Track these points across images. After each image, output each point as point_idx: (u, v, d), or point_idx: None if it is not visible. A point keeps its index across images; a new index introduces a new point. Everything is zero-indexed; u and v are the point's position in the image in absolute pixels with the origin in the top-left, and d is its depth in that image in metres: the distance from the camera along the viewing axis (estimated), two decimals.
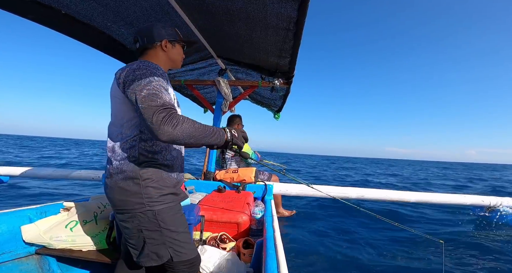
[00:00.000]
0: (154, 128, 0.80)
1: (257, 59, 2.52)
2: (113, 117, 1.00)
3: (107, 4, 1.64)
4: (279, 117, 3.95)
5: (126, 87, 0.89)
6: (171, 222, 0.96)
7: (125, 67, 0.94)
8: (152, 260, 0.94)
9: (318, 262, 2.31)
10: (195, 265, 1.02)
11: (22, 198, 4.34)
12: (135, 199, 0.92)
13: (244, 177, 2.58)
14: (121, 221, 0.97)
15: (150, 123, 0.80)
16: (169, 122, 0.80)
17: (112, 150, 0.98)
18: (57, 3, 1.54)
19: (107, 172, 0.99)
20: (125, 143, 0.96)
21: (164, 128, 0.80)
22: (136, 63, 0.94)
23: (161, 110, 0.81)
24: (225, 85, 2.75)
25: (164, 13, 1.84)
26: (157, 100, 0.83)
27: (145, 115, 0.81)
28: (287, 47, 2.00)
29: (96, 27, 1.87)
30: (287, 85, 2.70)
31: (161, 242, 0.94)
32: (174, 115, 0.82)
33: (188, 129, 0.84)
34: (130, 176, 0.93)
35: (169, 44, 1.09)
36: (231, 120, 3.25)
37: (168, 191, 0.98)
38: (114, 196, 0.95)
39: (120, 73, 0.93)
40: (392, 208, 4.36)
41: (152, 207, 0.93)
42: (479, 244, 2.75)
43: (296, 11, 1.49)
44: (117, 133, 0.98)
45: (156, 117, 0.80)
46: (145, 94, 0.84)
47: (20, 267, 1.30)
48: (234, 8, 1.66)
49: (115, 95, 0.96)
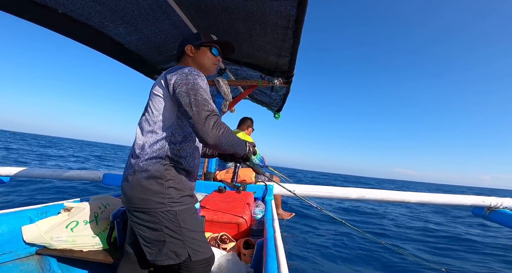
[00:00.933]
0: (205, 131, 0.87)
1: (256, 59, 2.51)
2: (147, 114, 1.02)
3: (104, 2, 1.64)
4: (279, 117, 3.94)
5: (177, 89, 0.93)
6: (190, 222, 0.99)
7: (176, 70, 0.99)
8: (170, 259, 0.95)
9: (319, 264, 2.31)
10: (210, 264, 1.04)
11: (22, 198, 4.35)
12: (157, 198, 0.94)
13: (244, 177, 2.58)
14: (138, 219, 0.97)
15: (202, 126, 0.87)
16: (218, 128, 0.90)
17: (142, 147, 0.99)
18: (53, 3, 1.53)
19: (130, 168, 1.00)
20: (156, 142, 0.98)
21: (214, 133, 0.89)
22: (188, 68, 0.99)
23: (212, 116, 0.90)
24: (224, 85, 2.75)
25: (162, 12, 1.83)
26: (209, 106, 0.91)
27: (197, 118, 0.88)
28: (286, 46, 1.99)
29: (94, 27, 1.85)
30: (287, 85, 2.70)
31: (181, 241, 0.96)
32: (221, 122, 0.93)
33: (229, 137, 0.95)
34: (154, 175, 0.95)
35: (194, 48, 1.13)
36: (243, 122, 3.23)
37: (187, 193, 1.01)
38: (134, 194, 0.96)
39: (172, 75, 0.97)
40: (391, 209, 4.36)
41: (174, 207, 0.96)
42: (477, 246, 2.75)
43: (295, 9, 1.48)
44: (149, 131, 1.00)
45: (209, 121, 0.89)
46: (199, 98, 0.91)
47: (20, 268, 1.30)
48: (232, 6, 1.66)
49: (158, 93, 0.99)
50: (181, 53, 1.15)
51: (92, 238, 1.42)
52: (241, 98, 3.15)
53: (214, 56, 1.17)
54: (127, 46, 2.23)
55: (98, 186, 5.84)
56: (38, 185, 5.35)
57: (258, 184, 2.50)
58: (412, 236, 3.49)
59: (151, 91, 1.04)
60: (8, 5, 1.40)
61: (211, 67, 1.18)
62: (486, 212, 3.36)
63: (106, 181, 2.87)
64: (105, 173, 2.89)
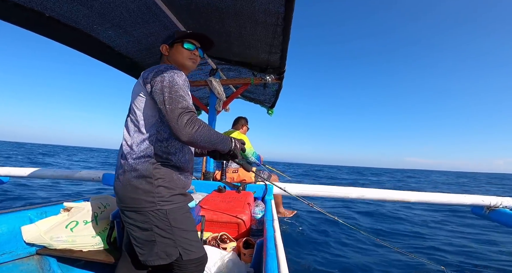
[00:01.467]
0: (178, 129, 0.87)
1: (247, 57, 2.51)
2: (132, 114, 1.03)
3: (92, 6, 1.62)
4: (272, 113, 3.93)
5: (153, 87, 0.94)
6: (181, 221, 0.98)
7: (153, 69, 0.99)
8: (160, 259, 0.95)
9: (319, 263, 2.31)
10: (203, 263, 1.03)
11: (22, 198, 4.34)
12: (146, 197, 0.94)
13: (244, 177, 2.58)
14: (129, 218, 0.97)
15: (175, 123, 0.87)
16: (192, 125, 0.88)
17: (130, 147, 0.99)
18: (40, 6, 1.51)
19: (120, 168, 1.00)
20: (142, 142, 0.98)
21: (187, 130, 0.87)
22: (164, 66, 1.00)
23: (186, 113, 0.89)
24: (217, 85, 2.76)
25: (151, 14, 1.83)
26: (183, 103, 0.90)
27: (171, 115, 0.88)
28: (276, 43, 2.00)
29: (82, 30, 1.83)
30: (279, 81, 2.71)
31: (172, 240, 0.95)
32: (196, 119, 0.91)
33: (206, 133, 0.92)
34: (143, 175, 0.95)
35: (168, 47, 1.12)
36: (237, 121, 3.24)
37: (178, 192, 1.01)
38: (125, 193, 0.96)
39: (148, 73, 0.98)
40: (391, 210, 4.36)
41: (163, 206, 0.95)
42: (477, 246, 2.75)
43: (283, 7, 1.50)
44: (134, 131, 1.00)
45: (182, 119, 0.87)
46: (173, 95, 0.90)
47: (20, 268, 1.30)
48: (222, 6, 1.67)
49: (138, 93, 1.00)
50: (160, 54, 1.17)
51: (92, 238, 1.42)
52: (234, 96, 3.15)
53: (188, 51, 1.12)
54: (117, 49, 2.20)
55: (98, 186, 5.84)
56: (38, 185, 5.35)
57: (258, 183, 2.50)
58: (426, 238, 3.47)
59: (132, 92, 1.05)
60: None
61: (187, 62, 1.12)
62: (485, 211, 3.36)
63: (106, 181, 2.87)
64: (104, 173, 2.89)
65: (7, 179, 4.03)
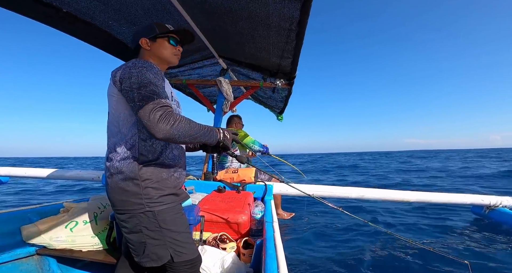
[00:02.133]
0: (151, 126, 0.81)
1: (258, 60, 2.50)
2: (110, 116, 1.00)
3: (109, 2, 1.64)
4: (282, 119, 3.89)
5: (122, 85, 0.90)
6: (172, 222, 0.96)
7: (121, 66, 0.95)
8: (152, 261, 0.94)
9: (318, 264, 2.31)
10: (196, 265, 1.02)
11: (22, 198, 4.35)
12: (135, 199, 0.92)
13: (244, 177, 2.58)
14: (121, 221, 0.97)
15: (147, 121, 0.81)
16: (166, 121, 0.82)
17: (114, 149, 0.97)
18: (58, 2, 1.53)
19: (107, 171, 0.99)
20: (125, 142, 0.95)
21: (161, 126, 0.81)
22: (132, 62, 0.95)
23: (158, 108, 0.83)
24: (226, 85, 2.74)
25: (166, 12, 1.83)
26: (154, 98, 0.84)
27: (142, 113, 0.83)
28: (289, 48, 1.98)
29: (97, 26, 1.85)
30: (289, 86, 2.69)
31: (162, 242, 0.94)
32: (170, 114, 0.84)
33: (184, 128, 0.86)
34: (129, 177, 0.93)
35: (149, 41, 1.05)
36: (230, 120, 3.26)
37: (168, 192, 0.98)
38: (114, 196, 0.95)
39: (116, 71, 0.93)
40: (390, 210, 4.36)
41: (152, 207, 0.93)
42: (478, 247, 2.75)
43: (298, 11, 1.47)
44: (116, 132, 0.98)
45: (153, 115, 0.81)
46: (142, 92, 0.85)
47: (20, 268, 1.31)
48: (236, 7, 1.66)
49: (111, 93, 0.96)
50: (137, 48, 1.08)
51: (92, 238, 1.42)
52: (243, 98, 3.14)
53: (173, 47, 1.09)
54: (130, 45, 2.23)
55: (98, 186, 5.84)
56: (38, 185, 5.35)
57: (257, 183, 2.50)
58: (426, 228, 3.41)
59: (107, 93, 1.00)
60: (13, 3, 1.40)
61: (171, 58, 1.10)
62: (485, 210, 3.37)
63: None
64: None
65: (7, 179, 4.04)
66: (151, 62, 0.98)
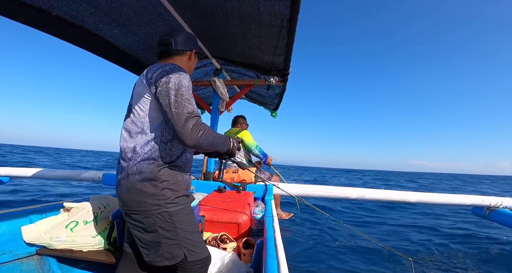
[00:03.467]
0: (184, 134, 0.87)
1: (252, 58, 2.51)
2: (134, 115, 1.00)
3: (99, 5, 1.63)
4: (276, 115, 3.94)
5: (158, 88, 0.92)
6: (185, 222, 0.98)
7: (157, 68, 0.97)
8: (166, 260, 0.95)
9: (318, 264, 2.31)
10: (207, 264, 1.04)
11: (22, 198, 4.34)
12: (152, 200, 0.94)
13: (244, 177, 2.58)
14: (134, 221, 0.97)
15: (181, 128, 0.87)
16: (198, 130, 0.89)
17: (133, 149, 0.97)
18: (47, 5, 1.52)
19: (123, 171, 0.98)
20: (146, 143, 0.96)
21: (193, 136, 0.88)
22: (169, 66, 0.97)
23: (192, 117, 0.89)
24: (221, 85, 2.75)
25: (157, 14, 1.83)
26: (189, 107, 0.90)
27: (177, 120, 0.87)
28: (281, 45, 2.00)
29: (88, 29, 1.84)
30: (283, 82, 2.72)
31: (176, 242, 0.95)
32: (201, 124, 0.91)
33: (210, 137, 0.94)
34: (148, 178, 0.94)
35: (194, 55, 1.17)
36: (235, 121, 3.27)
37: (182, 193, 1.01)
38: (130, 197, 0.95)
39: (152, 73, 0.96)
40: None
41: (169, 208, 0.95)
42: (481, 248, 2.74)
43: (288, 9, 1.50)
44: (137, 132, 0.98)
45: (188, 124, 0.87)
46: (179, 99, 0.89)
47: (20, 268, 1.30)
48: (227, 7, 1.66)
49: (141, 93, 0.98)
50: (175, 51, 1.09)
51: (92, 238, 1.42)
52: (238, 97, 3.16)
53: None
54: (122, 48, 2.20)
55: (98, 186, 5.84)
56: (38, 185, 5.35)
57: (258, 184, 2.51)
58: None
59: (134, 92, 1.02)
60: (1, 7, 1.39)
61: (191, 72, 1.21)
62: (486, 211, 3.36)
63: (106, 181, 2.87)
64: (104, 173, 2.89)
65: (7, 179, 4.03)
66: (185, 70, 1.02)
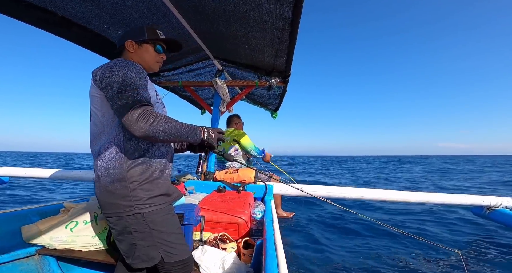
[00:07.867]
0: (130, 124, 0.81)
1: (253, 60, 2.53)
2: (93, 117, 0.98)
3: (104, 6, 1.64)
4: (276, 116, 3.96)
5: (103, 83, 0.89)
6: (161, 223, 0.95)
7: (102, 65, 0.94)
8: (143, 262, 0.94)
9: (319, 264, 2.31)
10: (188, 265, 1.01)
11: (22, 198, 4.34)
12: (123, 202, 0.91)
13: (244, 177, 2.58)
14: (111, 223, 0.96)
15: (125, 119, 0.81)
16: (145, 119, 0.81)
17: (98, 151, 0.95)
18: (53, 6, 1.53)
19: (95, 174, 0.97)
20: (109, 143, 0.93)
21: (140, 125, 0.80)
22: (113, 61, 0.94)
23: (137, 107, 0.82)
24: (222, 86, 2.77)
25: (161, 15, 1.84)
26: (134, 97, 0.84)
27: (121, 111, 0.83)
28: (283, 47, 2.01)
29: (93, 30, 1.86)
30: (284, 84, 2.74)
31: (152, 243, 0.93)
32: (150, 112, 0.83)
33: (164, 126, 0.85)
34: (117, 178, 0.91)
35: (135, 44, 1.06)
36: (230, 121, 3.28)
37: (158, 192, 0.97)
38: (103, 199, 0.94)
39: (97, 70, 0.92)
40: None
41: (142, 209, 0.92)
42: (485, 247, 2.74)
43: (291, 11, 1.51)
44: (99, 133, 0.96)
45: (133, 113, 0.81)
46: (122, 90, 0.85)
47: (20, 268, 1.31)
48: (230, 9, 1.67)
49: (93, 93, 0.95)
50: (121, 48, 1.08)
51: (92, 238, 1.42)
52: (239, 98, 3.17)
53: (157, 54, 1.10)
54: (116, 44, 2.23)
55: None
56: (38, 185, 5.34)
57: (258, 184, 2.51)
58: None
59: (89, 94, 0.98)
60: (8, 8, 1.40)
61: (154, 65, 1.11)
62: (485, 211, 3.36)
63: None
64: None
65: (7, 179, 4.04)
66: (134, 62, 0.97)
